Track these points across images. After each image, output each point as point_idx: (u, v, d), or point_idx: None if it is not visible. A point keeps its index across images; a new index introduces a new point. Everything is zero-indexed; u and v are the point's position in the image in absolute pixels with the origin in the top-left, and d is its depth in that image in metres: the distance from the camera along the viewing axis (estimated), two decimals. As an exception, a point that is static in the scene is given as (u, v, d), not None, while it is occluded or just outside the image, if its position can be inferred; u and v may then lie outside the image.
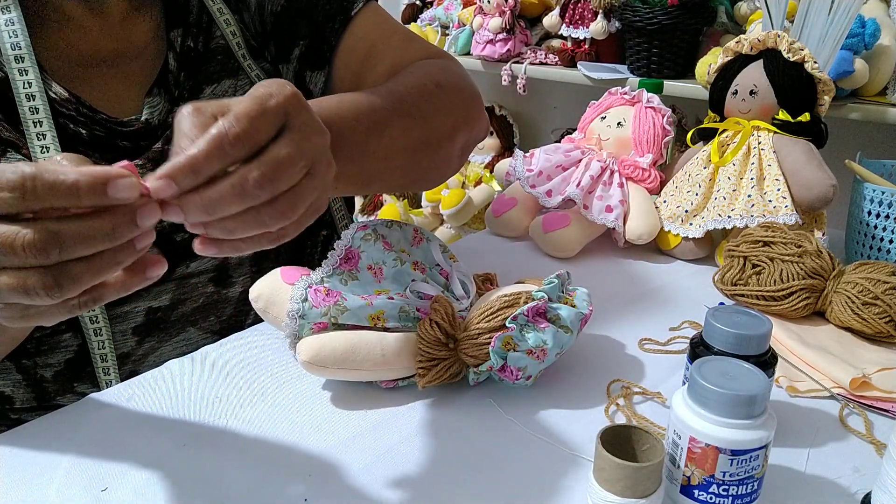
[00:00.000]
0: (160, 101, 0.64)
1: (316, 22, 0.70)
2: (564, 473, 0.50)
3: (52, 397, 0.64)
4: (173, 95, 0.65)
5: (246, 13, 0.70)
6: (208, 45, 0.67)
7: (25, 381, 0.64)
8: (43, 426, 0.54)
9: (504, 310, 0.55)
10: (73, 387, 0.64)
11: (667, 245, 0.88)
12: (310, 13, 0.70)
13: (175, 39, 0.66)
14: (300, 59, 0.71)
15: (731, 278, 0.73)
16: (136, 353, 0.66)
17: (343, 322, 0.56)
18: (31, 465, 0.49)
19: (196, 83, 0.66)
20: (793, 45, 0.82)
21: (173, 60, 0.65)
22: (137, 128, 0.63)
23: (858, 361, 0.63)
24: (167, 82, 0.65)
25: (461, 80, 0.70)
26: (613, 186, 0.89)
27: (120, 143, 0.62)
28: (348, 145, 0.53)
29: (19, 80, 0.58)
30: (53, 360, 0.63)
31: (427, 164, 0.64)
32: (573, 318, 0.57)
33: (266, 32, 0.71)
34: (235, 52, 0.67)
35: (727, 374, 0.45)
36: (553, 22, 1.64)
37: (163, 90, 0.64)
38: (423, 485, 0.49)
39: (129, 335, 0.65)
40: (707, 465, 0.44)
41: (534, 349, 0.54)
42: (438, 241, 0.65)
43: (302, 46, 0.71)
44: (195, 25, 0.67)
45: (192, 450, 0.51)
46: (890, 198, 0.80)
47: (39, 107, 0.59)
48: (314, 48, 0.71)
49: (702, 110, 1.22)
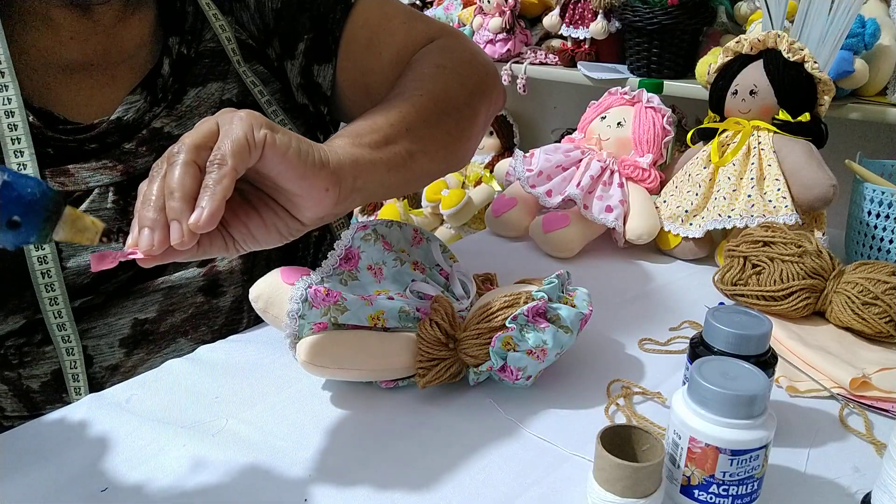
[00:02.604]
0: (140, 100, 0.63)
1: (317, 14, 0.70)
2: (564, 473, 0.50)
3: (40, 407, 0.64)
4: (157, 97, 0.64)
5: (245, 13, 0.70)
6: (198, 48, 0.67)
7: (12, 392, 0.63)
8: (42, 427, 0.54)
9: (504, 310, 0.55)
10: (62, 397, 0.63)
11: (667, 245, 0.88)
12: (310, 6, 0.70)
13: (173, 46, 0.66)
14: (305, 54, 0.70)
15: (731, 278, 0.73)
16: (125, 364, 0.65)
17: (343, 322, 0.56)
18: (30, 465, 0.49)
19: (181, 85, 0.66)
20: (793, 45, 0.82)
21: (168, 66, 0.65)
22: (106, 128, 0.62)
23: (858, 361, 0.63)
24: (153, 85, 0.64)
25: (466, 54, 0.69)
26: (613, 186, 0.89)
27: (88, 146, 0.62)
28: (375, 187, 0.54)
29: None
30: (39, 371, 0.62)
31: (454, 159, 0.65)
32: (573, 319, 0.57)
33: (269, 30, 0.70)
34: (230, 57, 0.67)
35: (727, 374, 0.45)
36: (553, 22, 1.64)
37: (146, 91, 0.64)
38: (424, 484, 0.49)
39: (116, 347, 0.64)
40: (707, 465, 0.44)
41: (534, 349, 0.54)
42: (438, 241, 0.65)
43: (307, 41, 0.70)
44: (190, 32, 0.67)
45: (191, 450, 0.51)
46: (890, 198, 0.80)
47: (18, 123, 0.58)
48: (319, 41, 0.70)
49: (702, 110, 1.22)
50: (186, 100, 0.65)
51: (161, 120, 0.63)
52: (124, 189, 0.62)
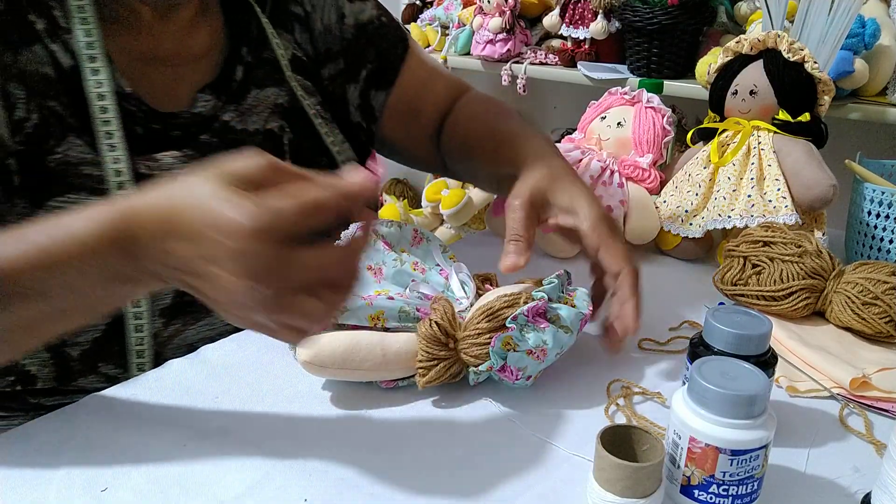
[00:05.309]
0: (213, 98, 0.70)
1: (382, 49, 0.82)
2: (564, 473, 0.50)
3: (74, 377, 0.65)
4: (228, 97, 0.71)
5: (305, 35, 0.79)
6: (260, 56, 0.75)
7: (52, 360, 0.64)
8: (43, 426, 0.54)
9: (504, 310, 0.55)
10: (98, 367, 0.64)
11: (667, 245, 0.88)
12: (376, 41, 0.82)
13: (245, 56, 0.73)
14: (366, 80, 0.82)
15: (731, 278, 0.73)
16: (163, 334, 0.66)
17: (343, 322, 0.55)
18: (31, 465, 0.49)
19: (246, 85, 0.73)
20: (793, 45, 0.82)
21: (241, 73, 0.72)
22: (188, 120, 0.68)
23: (858, 361, 0.63)
24: (226, 87, 0.71)
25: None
26: (613, 186, 0.89)
27: (172, 133, 0.67)
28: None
29: (91, 79, 0.62)
30: (81, 338, 0.64)
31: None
32: (573, 319, 0.57)
33: (331, 54, 0.80)
34: (283, 68, 0.75)
35: (727, 374, 0.45)
36: (553, 22, 1.64)
37: (217, 91, 0.71)
38: (424, 484, 0.49)
39: (157, 316, 0.66)
40: (707, 465, 0.44)
41: (534, 349, 0.54)
42: (438, 240, 0.65)
43: (369, 69, 0.81)
44: (255, 42, 0.75)
45: (192, 450, 0.51)
46: (890, 198, 0.80)
47: (109, 106, 0.62)
48: (380, 70, 0.82)
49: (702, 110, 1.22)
50: (249, 98, 0.72)
51: (229, 114, 0.71)
52: None
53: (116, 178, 0.61)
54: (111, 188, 0.61)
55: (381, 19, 0.83)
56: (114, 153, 0.62)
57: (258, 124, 0.72)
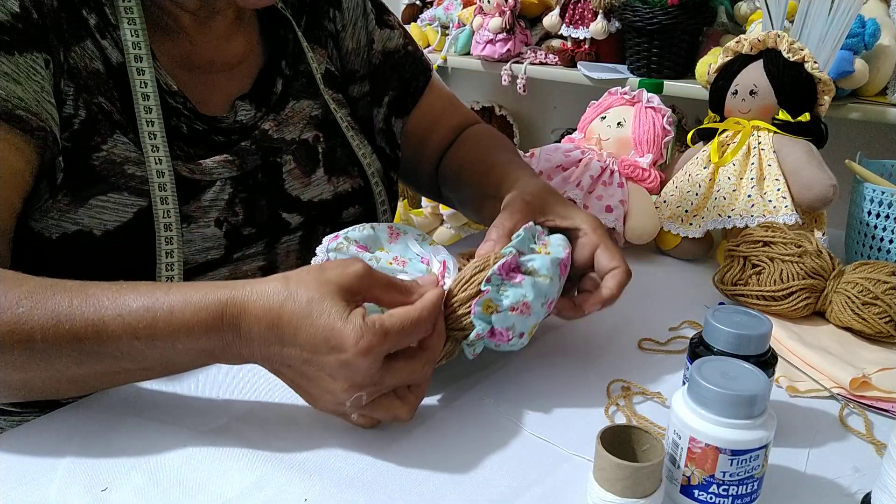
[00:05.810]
0: (252, 108, 0.72)
1: (404, 78, 0.84)
2: (564, 473, 0.50)
3: None
4: (268, 107, 0.73)
5: (337, 52, 0.81)
6: (297, 69, 0.77)
7: None
8: (43, 426, 0.54)
9: (476, 275, 0.55)
10: None
11: (667, 245, 0.88)
12: (400, 69, 0.84)
13: (284, 69, 0.75)
14: (389, 105, 0.84)
15: (731, 278, 0.73)
16: None
17: None
18: (31, 465, 0.49)
19: (283, 96, 0.75)
20: (793, 45, 0.82)
21: (281, 86, 0.74)
22: (229, 126, 0.70)
23: (858, 361, 0.63)
24: (265, 97, 0.73)
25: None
26: (613, 186, 0.89)
27: (215, 137, 0.69)
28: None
29: (137, 79, 0.63)
30: None
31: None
32: (549, 265, 0.56)
33: (357, 75, 0.83)
34: (318, 81, 0.77)
35: (727, 374, 0.45)
36: (553, 22, 1.64)
37: (256, 100, 0.73)
38: (423, 484, 0.49)
39: None
40: (707, 465, 0.44)
41: (516, 305, 0.54)
42: (416, 231, 0.65)
43: (391, 95, 0.84)
44: (291, 56, 0.77)
45: (192, 450, 0.51)
46: (890, 198, 0.80)
47: (153, 107, 0.64)
48: (400, 98, 0.84)
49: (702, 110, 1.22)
50: (287, 109, 0.74)
51: (267, 123, 0.72)
52: (237, 182, 0.68)
53: (159, 179, 0.62)
54: (153, 189, 0.62)
55: (408, 48, 0.85)
56: (156, 154, 0.63)
57: (294, 134, 0.73)
